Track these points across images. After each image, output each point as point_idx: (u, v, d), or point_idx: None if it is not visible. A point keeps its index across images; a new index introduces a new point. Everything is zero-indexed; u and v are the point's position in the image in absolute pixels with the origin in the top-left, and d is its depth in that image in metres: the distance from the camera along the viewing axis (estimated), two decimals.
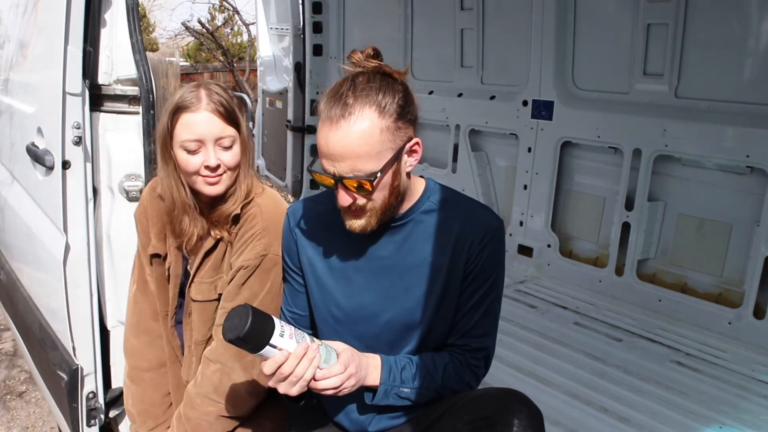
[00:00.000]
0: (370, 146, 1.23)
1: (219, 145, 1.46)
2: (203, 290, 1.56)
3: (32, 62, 2.00)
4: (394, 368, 1.36)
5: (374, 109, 1.23)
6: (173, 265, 1.60)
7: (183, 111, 1.44)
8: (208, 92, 1.45)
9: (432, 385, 1.38)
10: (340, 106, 1.23)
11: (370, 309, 1.40)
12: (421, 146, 1.34)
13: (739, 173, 2.76)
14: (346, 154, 1.22)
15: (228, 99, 1.47)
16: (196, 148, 1.44)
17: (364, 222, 1.31)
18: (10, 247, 2.38)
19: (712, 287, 2.88)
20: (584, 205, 3.38)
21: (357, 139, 1.22)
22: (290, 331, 1.23)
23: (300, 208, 1.49)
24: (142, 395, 1.67)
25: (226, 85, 10.05)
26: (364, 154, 1.22)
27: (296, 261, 1.47)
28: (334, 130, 1.22)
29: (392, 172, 1.28)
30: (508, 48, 3.57)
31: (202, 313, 1.58)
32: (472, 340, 1.42)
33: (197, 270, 1.56)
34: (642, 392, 2.30)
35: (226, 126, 1.46)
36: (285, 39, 4.55)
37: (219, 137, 1.45)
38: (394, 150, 1.27)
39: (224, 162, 1.47)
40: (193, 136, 1.43)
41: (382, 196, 1.29)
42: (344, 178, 1.24)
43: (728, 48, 2.72)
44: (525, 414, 1.25)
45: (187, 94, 1.44)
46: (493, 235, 1.38)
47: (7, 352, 3.43)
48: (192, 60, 12.07)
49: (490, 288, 1.40)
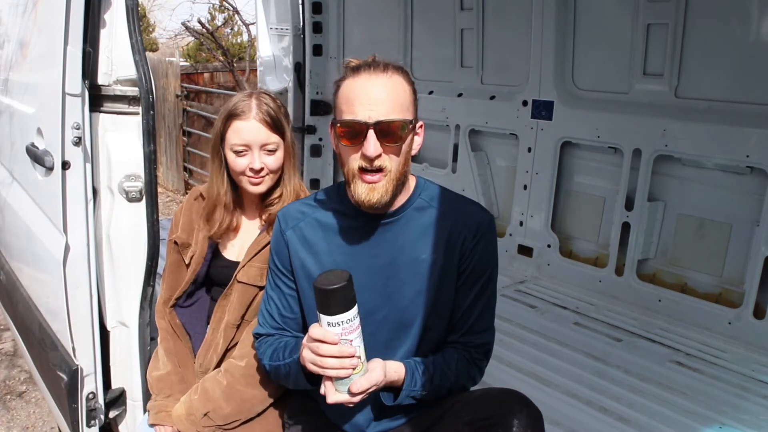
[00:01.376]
0: (404, 98, 1.33)
1: (264, 150, 1.61)
2: (251, 273, 1.66)
3: (32, 62, 1.99)
4: (416, 372, 1.37)
5: (403, 77, 1.35)
6: (197, 253, 1.71)
7: (235, 118, 1.61)
8: (258, 102, 1.62)
9: (446, 384, 1.40)
10: (373, 66, 1.32)
11: (365, 308, 1.40)
12: (423, 130, 1.42)
13: (739, 173, 2.76)
14: (386, 97, 1.30)
15: (275, 109, 1.63)
16: (243, 151, 1.60)
17: (381, 190, 1.32)
18: (10, 247, 2.38)
19: (712, 287, 2.88)
20: (584, 205, 3.38)
21: (394, 88, 1.32)
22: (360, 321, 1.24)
23: (291, 211, 1.50)
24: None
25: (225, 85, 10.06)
26: (399, 101, 1.31)
27: (287, 264, 1.48)
28: (373, 78, 1.30)
29: (410, 138, 1.35)
30: (508, 48, 3.57)
31: (243, 295, 1.67)
32: (474, 337, 1.44)
33: (251, 258, 1.67)
34: (642, 392, 2.30)
35: (271, 134, 1.61)
36: (285, 39, 4.55)
37: (264, 143, 1.61)
38: (414, 115, 1.36)
39: (267, 165, 1.62)
40: (241, 141, 1.60)
41: (400, 163, 1.33)
42: (380, 123, 1.28)
43: (728, 48, 2.72)
44: (525, 414, 1.25)
45: (240, 103, 1.61)
46: (485, 230, 1.40)
47: (7, 352, 3.43)
48: (192, 60, 12.07)
49: (486, 283, 1.42)
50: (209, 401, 1.61)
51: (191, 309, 1.75)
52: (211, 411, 1.60)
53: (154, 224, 1.72)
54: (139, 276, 1.74)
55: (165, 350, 1.73)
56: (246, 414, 1.63)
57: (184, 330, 1.74)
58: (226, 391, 1.61)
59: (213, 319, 1.71)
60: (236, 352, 1.66)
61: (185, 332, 1.74)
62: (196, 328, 1.75)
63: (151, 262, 1.74)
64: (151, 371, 1.74)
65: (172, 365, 1.72)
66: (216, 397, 1.61)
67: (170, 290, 1.74)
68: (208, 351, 1.69)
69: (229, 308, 1.67)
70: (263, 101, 1.62)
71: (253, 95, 1.64)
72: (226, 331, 1.67)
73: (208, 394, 1.62)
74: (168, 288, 1.75)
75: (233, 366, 1.64)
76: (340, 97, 1.34)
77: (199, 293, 1.76)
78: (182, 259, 1.74)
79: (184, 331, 1.74)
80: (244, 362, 1.63)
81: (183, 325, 1.74)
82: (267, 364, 1.47)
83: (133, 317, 1.78)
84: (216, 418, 1.60)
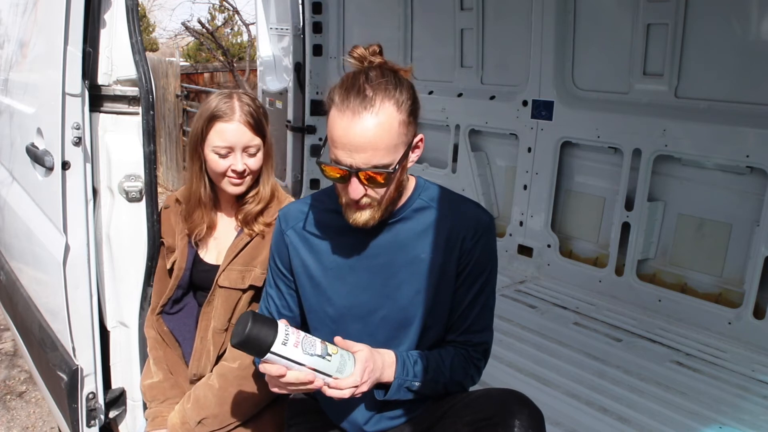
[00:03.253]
0: (389, 139, 1.23)
1: (246, 152, 1.61)
2: (232, 277, 1.66)
3: (32, 63, 1.99)
4: (407, 363, 1.36)
5: (393, 102, 1.24)
6: (179, 259, 1.70)
7: (217, 119, 1.59)
8: (240, 104, 1.61)
9: (441, 378, 1.39)
10: (360, 98, 1.22)
11: (365, 307, 1.41)
12: (423, 142, 1.36)
13: (739, 173, 2.76)
14: (367, 145, 1.22)
15: (256, 110, 1.62)
16: (226, 153, 1.60)
17: (368, 215, 1.31)
18: (10, 247, 2.38)
19: (712, 287, 2.88)
20: (584, 205, 3.38)
21: (378, 132, 1.22)
22: (296, 339, 1.21)
23: (291, 210, 1.50)
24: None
25: (225, 85, 10.07)
26: (383, 146, 1.23)
27: (287, 263, 1.47)
28: (356, 121, 1.21)
29: (402, 168, 1.30)
30: (508, 48, 3.57)
31: (226, 300, 1.66)
32: (473, 336, 1.43)
33: (230, 261, 1.66)
34: (642, 392, 2.31)
35: (254, 136, 1.62)
36: (285, 39, 4.55)
37: (247, 145, 1.61)
38: (406, 145, 1.28)
39: (249, 166, 1.62)
40: (225, 143, 1.59)
41: (387, 192, 1.30)
42: (361, 170, 1.24)
43: (728, 48, 2.72)
44: (526, 415, 1.25)
45: (222, 104, 1.60)
46: (484, 229, 1.40)
47: (7, 352, 3.43)
48: (192, 60, 12.08)
49: (485, 282, 1.42)
50: (202, 409, 1.60)
51: (179, 315, 1.74)
52: (204, 418, 1.60)
53: (154, 224, 1.71)
54: (139, 276, 1.74)
55: (154, 359, 1.72)
56: (241, 416, 1.62)
57: (172, 337, 1.73)
58: (219, 394, 1.60)
59: (199, 328, 1.70)
60: (228, 354, 1.65)
61: (174, 339, 1.73)
62: (185, 334, 1.73)
63: (151, 262, 1.73)
64: (143, 380, 1.74)
65: (163, 373, 1.71)
66: (209, 404, 1.60)
67: (157, 297, 1.73)
68: (201, 360, 1.68)
69: (214, 315, 1.67)
70: (245, 102, 1.61)
71: (234, 96, 1.62)
72: (214, 337, 1.67)
73: (200, 401, 1.61)
74: (156, 295, 1.74)
75: (226, 368, 1.63)
76: (328, 124, 1.29)
77: (186, 299, 1.74)
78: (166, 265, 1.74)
79: (172, 338, 1.73)
80: (236, 364, 1.62)
81: (171, 332, 1.73)
82: (257, 361, 1.48)
83: (133, 317, 1.78)
84: (210, 424, 1.60)
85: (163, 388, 1.70)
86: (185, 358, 1.74)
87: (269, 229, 1.66)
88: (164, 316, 1.73)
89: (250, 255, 1.67)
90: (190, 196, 1.69)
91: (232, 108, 1.59)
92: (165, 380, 1.71)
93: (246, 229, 1.68)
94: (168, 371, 1.72)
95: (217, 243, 1.73)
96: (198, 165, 1.65)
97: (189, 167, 1.69)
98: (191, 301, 1.75)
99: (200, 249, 1.73)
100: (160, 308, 1.71)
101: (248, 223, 1.68)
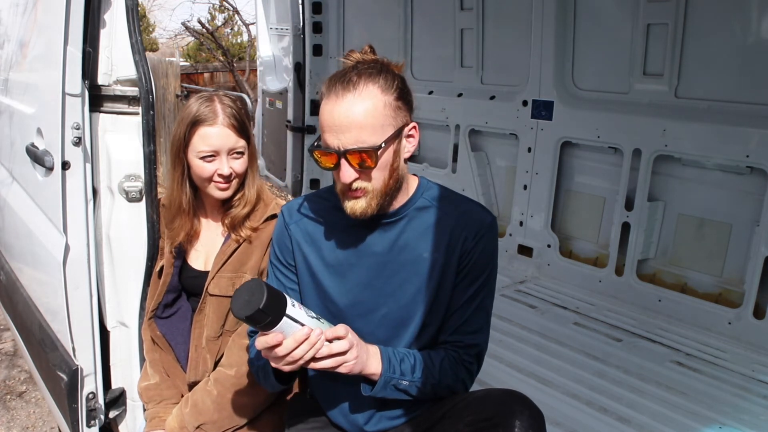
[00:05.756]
0: (374, 118, 1.26)
1: (231, 155, 1.59)
2: (222, 285, 1.64)
3: (32, 63, 1.99)
4: (393, 359, 1.36)
5: (377, 85, 1.27)
6: (166, 263, 1.68)
7: (201, 124, 1.56)
8: (222, 106, 1.58)
9: (429, 380, 1.38)
10: (344, 83, 1.27)
11: (366, 305, 1.41)
12: (418, 132, 1.37)
13: (739, 173, 2.76)
14: (351, 124, 1.25)
15: (239, 111, 1.60)
16: (211, 158, 1.57)
17: (364, 204, 1.32)
18: (10, 247, 2.38)
19: (712, 287, 2.88)
20: (584, 205, 3.38)
21: (362, 110, 1.25)
22: (295, 301, 1.22)
23: (295, 205, 1.50)
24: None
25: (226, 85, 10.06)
26: (368, 125, 1.26)
27: (290, 257, 1.48)
28: (340, 102, 1.25)
29: (393, 151, 1.31)
30: (508, 48, 3.57)
31: (218, 308, 1.65)
32: (464, 337, 1.42)
33: (219, 269, 1.64)
34: (642, 392, 2.31)
35: (239, 138, 1.59)
36: (285, 39, 4.55)
37: (232, 148, 1.59)
38: (395, 128, 1.30)
39: (235, 169, 1.60)
40: (210, 147, 1.56)
41: (382, 177, 1.31)
42: (348, 151, 1.26)
43: (728, 48, 2.72)
44: (526, 415, 1.25)
45: (204, 108, 1.56)
46: (486, 230, 1.40)
47: (7, 352, 3.43)
48: (192, 60, 12.08)
49: (483, 283, 1.41)
50: (200, 414, 1.60)
51: (171, 320, 1.72)
52: (203, 424, 1.60)
53: (154, 224, 1.71)
54: (139, 276, 1.74)
55: (150, 361, 1.72)
56: (239, 421, 1.62)
57: (165, 341, 1.72)
58: (217, 401, 1.60)
59: (193, 336, 1.69)
60: (225, 361, 1.64)
61: (167, 343, 1.72)
62: (177, 338, 1.71)
63: (151, 262, 1.73)
64: (140, 382, 1.73)
65: (160, 375, 1.70)
66: (207, 409, 1.60)
67: (151, 301, 1.72)
68: (198, 368, 1.67)
69: (207, 323, 1.66)
70: (227, 104, 1.59)
71: (215, 98, 1.60)
72: (209, 345, 1.66)
73: (198, 406, 1.61)
74: (149, 299, 1.73)
75: (223, 375, 1.62)
76: (319, 115, 1.33)
77: (179, 303, 1.73)
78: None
79: (165, 342, 1.72)
80: (233, 371, 1.61)
81: (164, 336, 1.71)
82: (251, 360, 1.48)
83: (133, 317, 1.78)
84: (209, 429, 1.60)
85: (159, 389, 1.70)
86: (180, 362, 1.73)
87: (256, 234, 1.65)
88: (157, 320, 1.71)
89: (239, 261, 1.65)
90: (171, 203, 1.66)
91: (215, 111, 1.56)
92: (162, 382, 1.70)
93: (233, 235, 1.65)
94: (164, 373, 1.71)
95: (205, 249, 1.71)
96: (180, 171, 1.62)
97: (170, 174, 1.65)
98: (185, 305, 1.73)
99: (188, 255, 1.72)
100: (151, 313, 1.70)
101: (235, 227, 1.65)
